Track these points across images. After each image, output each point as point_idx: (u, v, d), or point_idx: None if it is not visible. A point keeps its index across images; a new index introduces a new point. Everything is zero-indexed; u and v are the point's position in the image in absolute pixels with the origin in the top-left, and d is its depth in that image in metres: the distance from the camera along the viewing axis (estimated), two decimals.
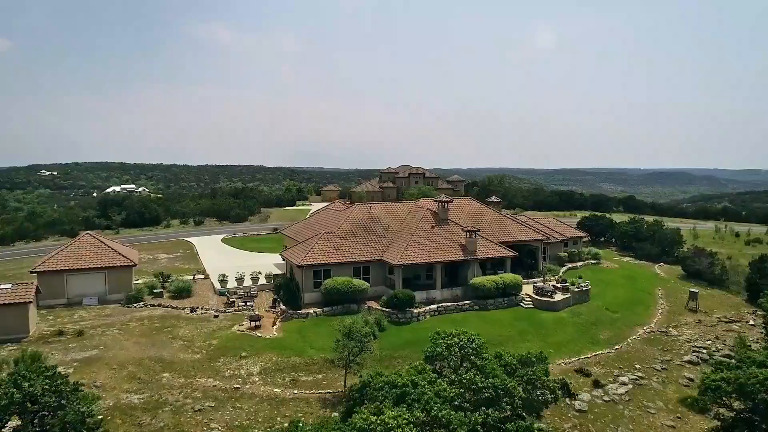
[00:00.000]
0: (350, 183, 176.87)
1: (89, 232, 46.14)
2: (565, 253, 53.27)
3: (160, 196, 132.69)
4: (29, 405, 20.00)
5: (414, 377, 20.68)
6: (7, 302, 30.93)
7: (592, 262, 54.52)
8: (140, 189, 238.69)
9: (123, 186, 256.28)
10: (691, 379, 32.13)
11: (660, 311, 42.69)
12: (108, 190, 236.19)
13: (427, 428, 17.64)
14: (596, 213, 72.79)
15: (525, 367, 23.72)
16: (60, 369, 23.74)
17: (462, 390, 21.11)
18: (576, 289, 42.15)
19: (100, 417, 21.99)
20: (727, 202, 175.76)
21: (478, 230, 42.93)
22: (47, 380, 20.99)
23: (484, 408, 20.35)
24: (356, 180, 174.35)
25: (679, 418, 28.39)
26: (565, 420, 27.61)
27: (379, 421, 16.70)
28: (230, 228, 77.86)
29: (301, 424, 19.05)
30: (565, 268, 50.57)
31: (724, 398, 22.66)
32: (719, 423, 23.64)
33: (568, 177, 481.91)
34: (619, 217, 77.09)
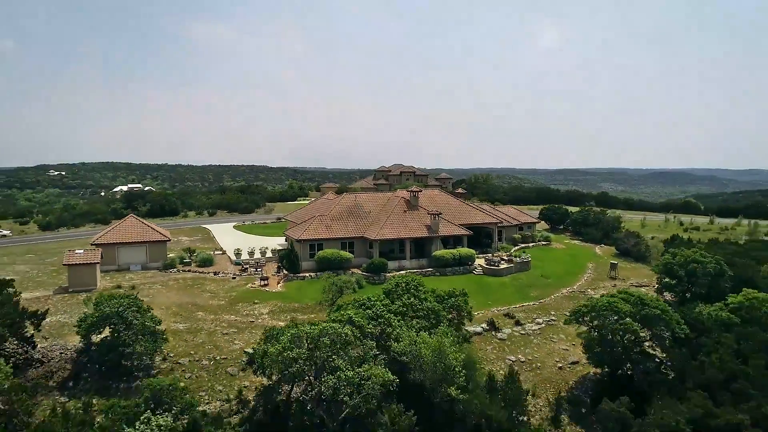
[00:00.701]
0: (351, 182, 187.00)
1: (133, 214, 56.77)
2: (519, 235, 63.63)
3: (169, 193, 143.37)
4: (117, 318, 30.53)
5: (370, 299, 31.12)
6: (82, 262, 41.50)
7: (543, 243, 64.87)
8: (146, 188, 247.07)
9: (130, 185, 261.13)
10: None
11: (585, 278, 52.98)
12: (115, 189, 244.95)
13: (374, 321, 28.06)
14: (555, 204, 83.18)
15: (451, 298, 34.11)
16: None
17: (405, 308, 31.53)
18: (518, 261, 52.52)
19: (162, 328, 32.47)
20: (720, 201, 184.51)
21: (441, 213, 53.38)
22: (128, 302, 31.57)
23: (419, 320, 30.77)
24: (356, 179, 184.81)
25: (573, 345, 38.69)
26: (489, 345, 37.97)
27: (345, 315, 27.15)
28: (240, 218, 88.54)
29: (298, 324, 29.47)
30: (517, 247, 60.91)
31: (584, 317, 33.04)
32: (585, 330, 33.98)
33: (570, 177, 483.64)
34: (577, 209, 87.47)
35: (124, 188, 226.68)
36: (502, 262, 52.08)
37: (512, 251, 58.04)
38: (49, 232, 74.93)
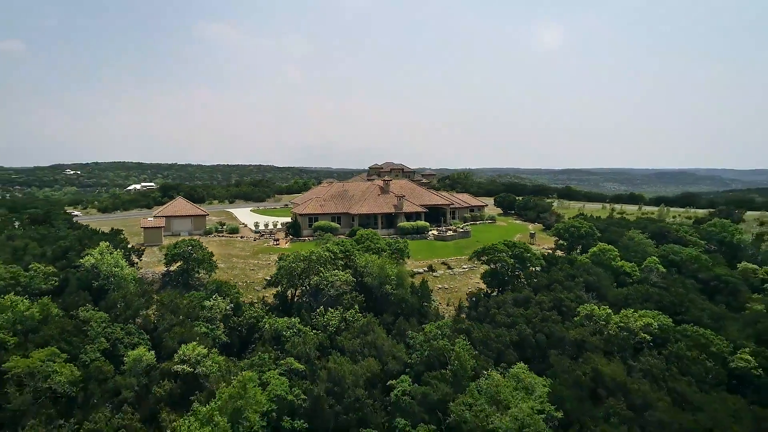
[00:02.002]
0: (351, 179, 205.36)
1: (181, 196, 75.54)
2: (469, 215, 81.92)
3: (198, 185, 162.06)
4: (186, 254, 49.04)
5: (343, 241, 49.57)
6: (153, 226, 60.22)
7: (489, 221, 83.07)
8: (159, 186, 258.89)
9: (143, 184, 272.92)
10: None
11: None
12: (129, 187, 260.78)
13: (344, 251, 46.56)
14: (509, 193, 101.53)
15: (396, 244, 52.50)
16: None
17: (364, 247, 49.96)
18: (461, 230, 70.83)
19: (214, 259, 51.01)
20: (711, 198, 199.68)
21: (404, 197, 71.76)
22: (191, 243, 50.17)
23: (373, 252, 49.20)
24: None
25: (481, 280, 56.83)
26: (428, 280, 56.27)
27: (326, 246, 45.63)
28: (254, 205, 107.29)
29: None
30: (467, 224, 79.06)
31: (481, 255, 51.32)
32: (486, 267, 52.17)
33: (573, 177, 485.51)
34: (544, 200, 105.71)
35: (138, 186, 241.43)
36: (449, 231, 70.43)
37: (460, 225, 76.26)
38: (107, 213, 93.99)
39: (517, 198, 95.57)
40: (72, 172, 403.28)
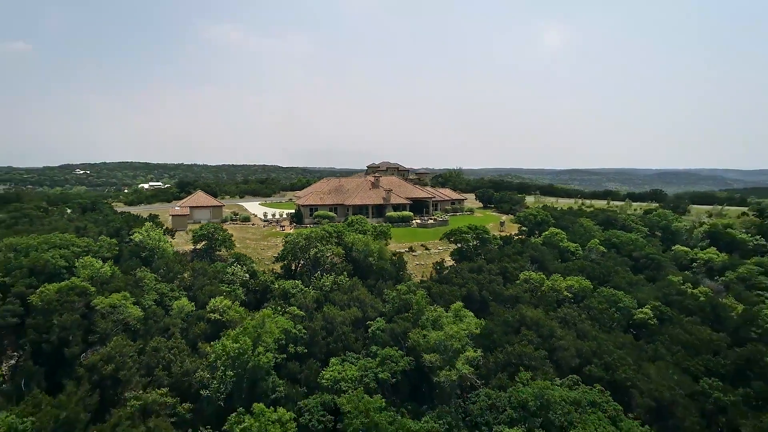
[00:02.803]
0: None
1: (201, 189, 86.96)
2: (450, 207, 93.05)
3: (212, 182, 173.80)
4: (209, 235, 60.43)
5: (336, 225, 60.86)
6: (179, 213, 71.66)
7: (468, 212, 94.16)
8: (166, 186, 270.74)
9: (151, 183, 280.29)
10: None
11: None
12: (138, 186, 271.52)
13: (336, 231, 57.86)
14: (488, 189, 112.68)
15: (380, 227, 63.74)
16: None
17: (353, 229, 61.23)
18: (440, 220, 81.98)
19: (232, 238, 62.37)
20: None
21: (392, 190, 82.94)
22: (213, 226, 61.58)
23: (361, 233, 60.48)
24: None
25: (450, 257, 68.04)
26: (407, 257, 67.48)
27: (323, 227, 56.91)
28: (262, 199, 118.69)
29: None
30: (448, 215, 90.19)
31: (449, 236, 62.48)
32: (455, 246, 63.32)
33: (575, 177, 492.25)
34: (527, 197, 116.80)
35: (146, 186, 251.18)
36: (430, 220, 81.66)
37: (440, 215, 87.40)
38: (133, 206, 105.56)
39: (495, 193, 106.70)
40: (81, 172, 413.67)
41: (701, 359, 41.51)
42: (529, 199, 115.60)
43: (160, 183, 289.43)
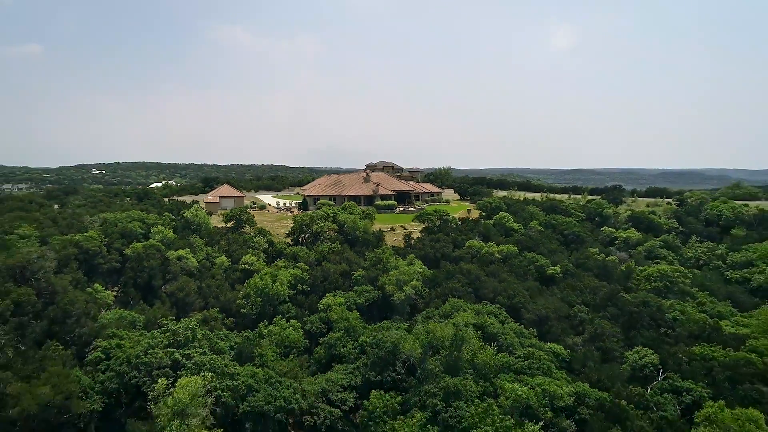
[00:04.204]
0: None
1: (227, 183, 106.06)
2: (429, 198, 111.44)
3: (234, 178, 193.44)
4: (238, 216, 79.24)
5: (334, 209, 79.51)
6: (212, 201, 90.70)
7: (444, 203, 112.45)
8: (179, 184, 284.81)
9: (165, 182, 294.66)
10: None
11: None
12: (152, 185, 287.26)
13: (333, 213, 76.54)
14: (463, 184, 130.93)
15: (366, 210, 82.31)
16: None
17: (346, 211, 79.86)
18: (419, 207, 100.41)
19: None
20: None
21: (380, 184, 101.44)
22: (240, 210, 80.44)
23: (351, 214, 79.14)
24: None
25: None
26: (388, 235, 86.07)
27: (321, 209, 75.62)
28: (273, 193, 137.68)
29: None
30: (426, 204, 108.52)
31: (419, 218, 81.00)
32: (424, 225, 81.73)
33: (580, 176, 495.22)
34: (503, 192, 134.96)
35: (159, 184, 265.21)
36: (410, 208, 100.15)
37: (419, 204, 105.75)
38: (165, 198, 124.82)
39: (469, 187, 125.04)
40: (98, 172, 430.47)
41: (579, 295, 59.71)
42: (502, 193, 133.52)
43: (172, 182, 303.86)
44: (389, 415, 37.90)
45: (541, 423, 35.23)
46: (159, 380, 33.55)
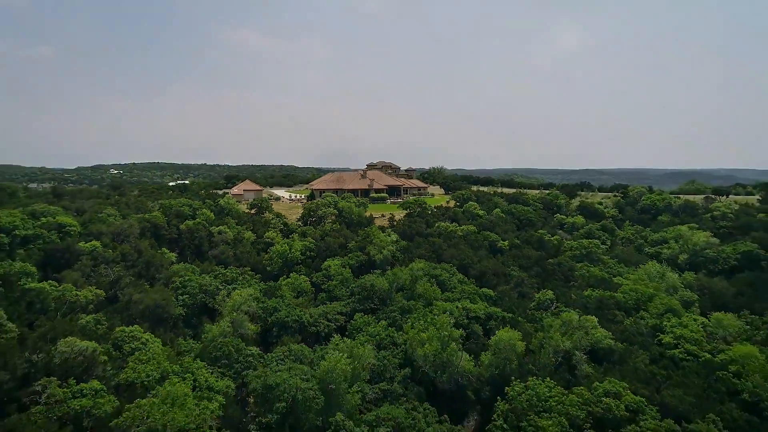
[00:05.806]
0: None
1: (248, 179, 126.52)
2: (417, 192, 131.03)
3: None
4: (259, 203, 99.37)
5: (338, 198, 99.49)
6: (237, 193, 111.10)
7: (430, 196, 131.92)
8: (194, 183, 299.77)
9: (179, 181, 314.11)
10: None
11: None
12: (169, 184, 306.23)
13: (334, 203, 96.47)
14: (447, 179, 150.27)
15: (362, 200, 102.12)
16: None
17: (346, 201, 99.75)
18: (406, 198, 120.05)
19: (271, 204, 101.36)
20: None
21: (374, 180, 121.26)
22: (260, 199, 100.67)
23: (349, 203, 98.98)
24: None
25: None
26: (379, 221, 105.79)
27: (326, 198, 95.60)
28: (286, 188, 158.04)
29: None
30: (413, 197, 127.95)
31: (404, 206, 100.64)
32: (406, 211, 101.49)
33: (585, 176, 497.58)
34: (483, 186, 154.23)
35: (171, 183, 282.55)
36: (399, 199, 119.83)
37: (408, 197, 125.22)
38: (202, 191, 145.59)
39: (452, 183, 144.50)
40: (116, 172, 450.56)
41: (516, 260, 79.05)
42: (483, 188, 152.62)
43: (186, 182, 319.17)
44: (368, 325, 57.60)
45: (461, 330, 54.61)
46: (221, 291, 53.55)
